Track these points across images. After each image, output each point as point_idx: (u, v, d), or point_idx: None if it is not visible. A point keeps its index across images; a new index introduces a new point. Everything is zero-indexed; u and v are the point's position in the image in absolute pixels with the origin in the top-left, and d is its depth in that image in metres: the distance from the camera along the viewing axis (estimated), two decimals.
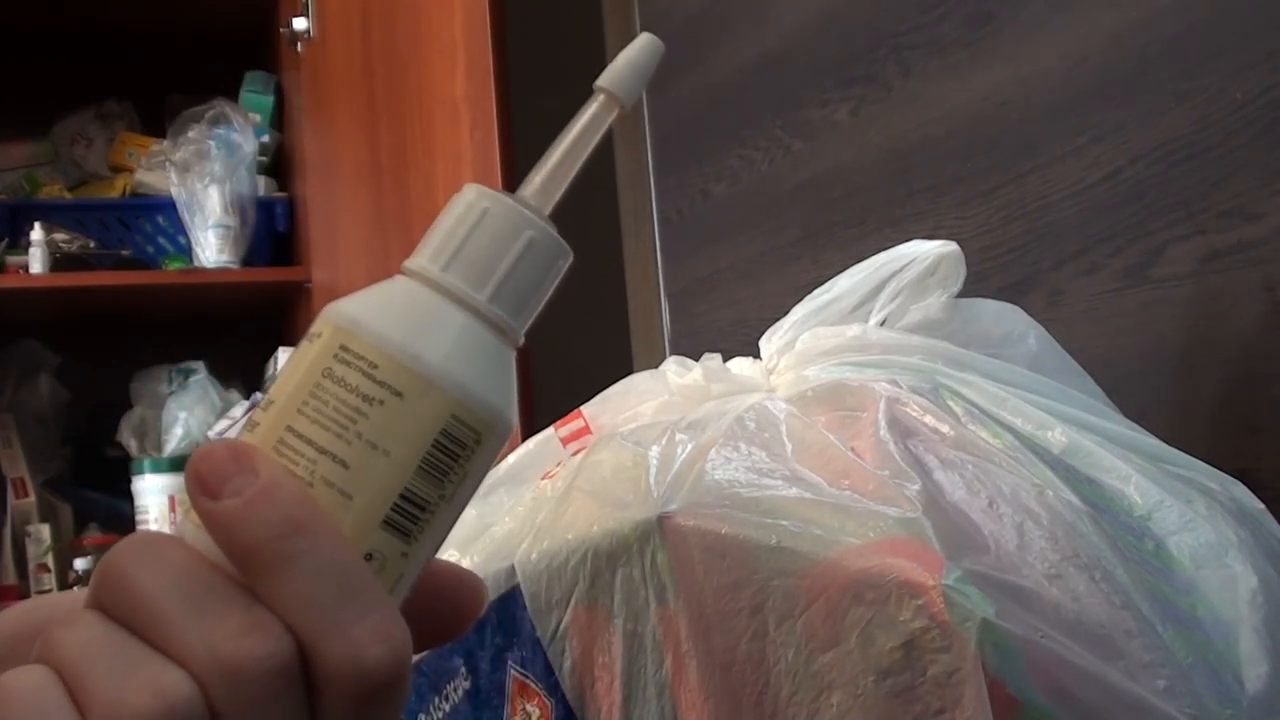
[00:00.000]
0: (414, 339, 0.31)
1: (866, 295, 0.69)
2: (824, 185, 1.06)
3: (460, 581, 0.33)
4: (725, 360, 0.71)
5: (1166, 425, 0.67)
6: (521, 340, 0.33)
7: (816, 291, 0.71)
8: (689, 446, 0.59)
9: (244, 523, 0.28)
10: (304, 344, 0.32)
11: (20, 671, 0.27)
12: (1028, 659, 0.45)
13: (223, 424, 2.15)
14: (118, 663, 0.27)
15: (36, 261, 2.09)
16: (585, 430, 0.70)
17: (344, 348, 0.31)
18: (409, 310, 0.32)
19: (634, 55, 0.34)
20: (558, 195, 0.34)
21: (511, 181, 1.41)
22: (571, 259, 0.34)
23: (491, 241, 0.32)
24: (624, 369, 0.77)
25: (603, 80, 0.35)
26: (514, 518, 0.65)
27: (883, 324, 0.68)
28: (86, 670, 0.27)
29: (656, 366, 0.72)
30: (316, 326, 0.32)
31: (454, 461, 0.31)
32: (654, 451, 0.61)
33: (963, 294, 0.69)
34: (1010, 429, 0.58)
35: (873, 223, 1.00)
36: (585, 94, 0.35)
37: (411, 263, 0.32)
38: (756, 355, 0.71)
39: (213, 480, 0.29)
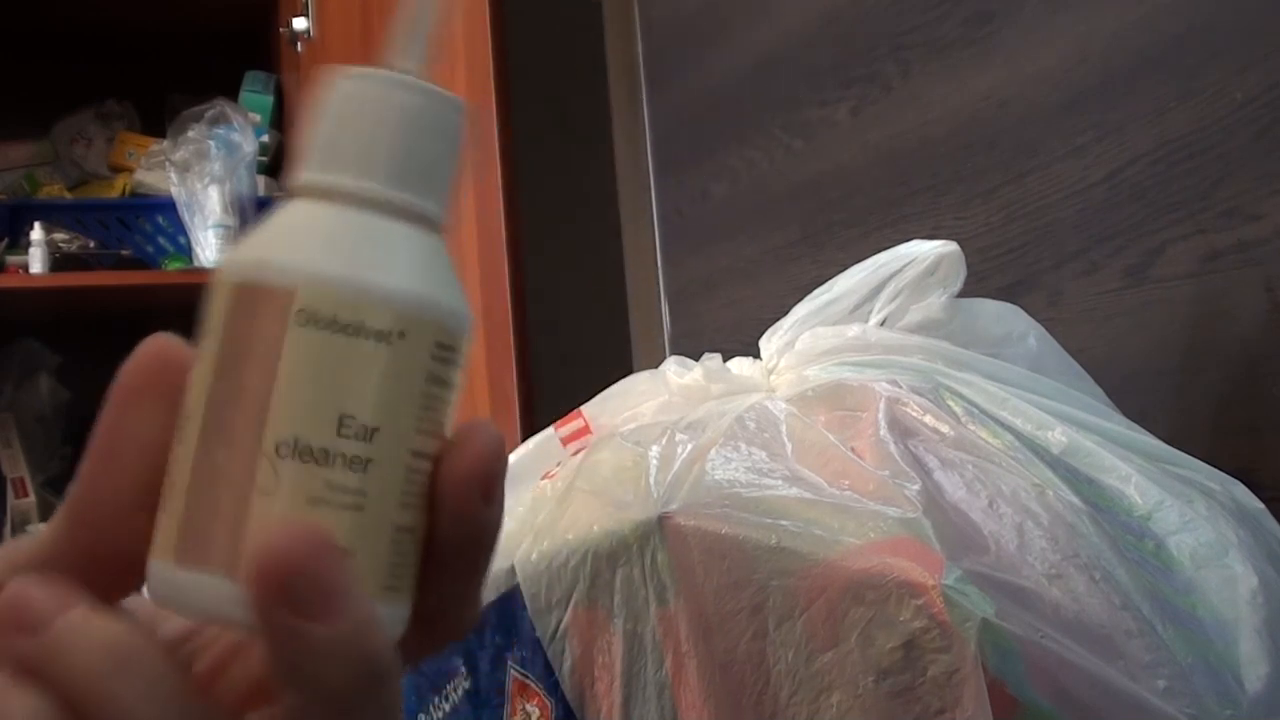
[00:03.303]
0: (439, 290, 0.27)
1: (866, 295, 0.69)
2: (824, 185, 1.06)
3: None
4: (725, 360, 0.71)
5: (1166, 425, 0.67)
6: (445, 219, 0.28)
7: (816, 291, 0.71)
8: (689, 446, 0.59)
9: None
10: (369, 345, 0.26)
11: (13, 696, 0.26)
12: (1028, 659, 0.45)
13: None
14: None
15: (36, 261, 2.09)
16: (585, 430, 0.70)
17: (440, 345, 0.27)
18: (427, 262, 0.27)
19: None
20: (423, 51, 0.28)
21: (512, 186, 1.41)
22: (464, 108, 0.29)
23: (379, 125, 0.27)
24: (624, 369, 0.77)
25: None
26: (514, 518, 0.65)
27: (883, 324, 0.68)
28: None
29: (656, 366, 0.72)
30: (383, 321, 0.26)
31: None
32: (654, 451, 0.61)
33: (963, 294, 0.69)
34: (1010, 429, 0.58)
35: (873, 223, 1.00)
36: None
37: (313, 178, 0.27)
38: (756, 355, 0.71)
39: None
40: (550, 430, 0.71)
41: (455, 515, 0.27)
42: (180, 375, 0.27)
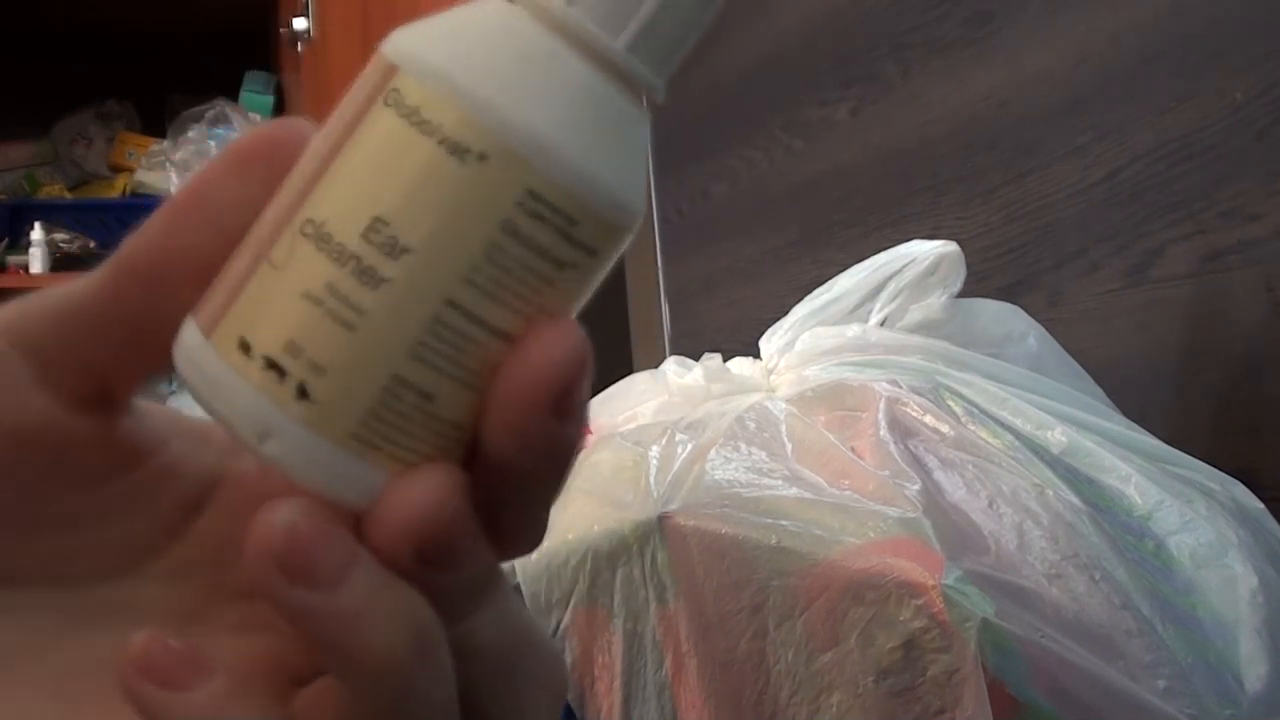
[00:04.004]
0: (565, 137, 0.22)
1: (866, 295, 0.69)
2: (824, 185, 1.06)
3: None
4: (725, 360, 0.71)
5: (1166, 425, 0.67)
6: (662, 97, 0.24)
7: (816, 291, 0.71)
8: (689, 446, 0.59)
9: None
10: (437, 152, 0.22)
11: None
12: (1028, 659, 0.45)
13: None
14: None
15: (36, 261, 2.09)
16: (585, 430, 0.70)
17: (534, 195, 0.22)
18: (592, 112, 0.23)
19: None
20: None
21: None
22: None
23: None
24: (624, 369, 0.77)
25: None
26: None
27: (883, 324, 0.68)
28: None
29: (656, 366, 0.72)
30: (466, 136, 0.22)
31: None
32: (654, 451, 0.61)
33: (963, 294, 0.69)
34: (1010, 429, 0.58)
35: (873, 223, 1.00)
36: None
37: None
38: (756, 355, 0.71)
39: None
40: None
41: (510, 426, 0.23)
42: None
